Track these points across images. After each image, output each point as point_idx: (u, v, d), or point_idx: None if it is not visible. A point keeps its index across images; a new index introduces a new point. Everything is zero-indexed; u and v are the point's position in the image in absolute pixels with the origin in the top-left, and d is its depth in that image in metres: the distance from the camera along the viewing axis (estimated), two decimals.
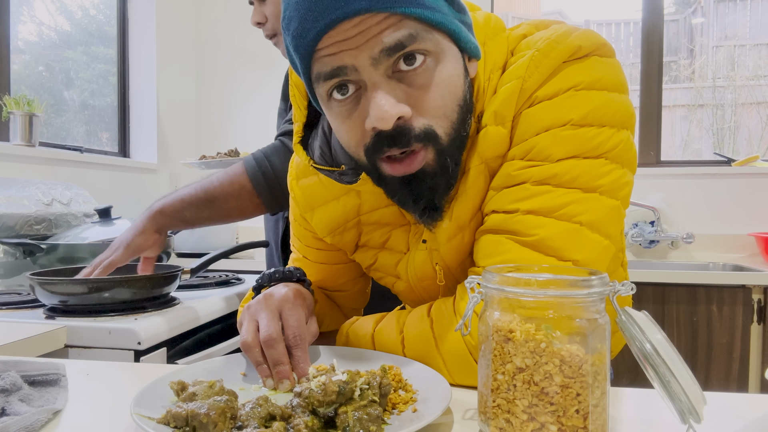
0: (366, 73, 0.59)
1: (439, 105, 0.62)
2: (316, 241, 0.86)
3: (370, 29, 0.57)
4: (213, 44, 2.89)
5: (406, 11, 0.58)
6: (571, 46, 0.64)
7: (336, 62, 0.59)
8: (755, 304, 1.87)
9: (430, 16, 0.59)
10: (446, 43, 0.62)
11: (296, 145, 0.76)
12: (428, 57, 0.60)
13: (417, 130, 0.61)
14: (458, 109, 0.63)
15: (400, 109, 0.59)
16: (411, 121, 0.61)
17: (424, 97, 0.61)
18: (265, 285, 0.79)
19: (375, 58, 0.58)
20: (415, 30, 0.58)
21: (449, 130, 0.63)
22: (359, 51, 0.58)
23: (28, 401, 0.60)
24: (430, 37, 0.60)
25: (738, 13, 4.69)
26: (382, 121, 0.59)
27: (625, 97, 0.67)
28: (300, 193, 0.82)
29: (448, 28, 0.61)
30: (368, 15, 0.57)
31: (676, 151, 3.87)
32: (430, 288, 0.79)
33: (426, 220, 0.69)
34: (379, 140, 0.61)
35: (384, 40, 0.58)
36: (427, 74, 0.60)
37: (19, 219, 1.48)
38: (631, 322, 0.48)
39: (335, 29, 0.58)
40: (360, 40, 0.58)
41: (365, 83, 0.60)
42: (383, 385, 0.54)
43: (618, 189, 0.65)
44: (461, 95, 0.64)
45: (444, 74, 0.61)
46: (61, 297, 1.08)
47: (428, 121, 0.61)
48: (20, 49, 2.12)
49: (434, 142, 0.62)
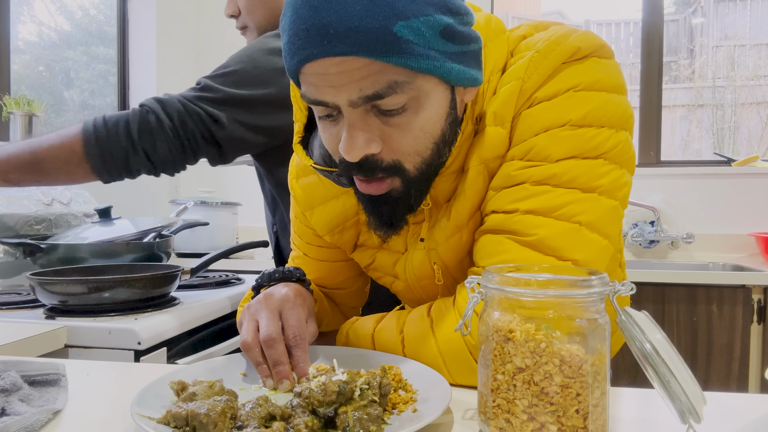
0: (344, 110, 0.59)
1: (412, 145, 0.62)
2: (316, 238, 0.86)
3: (350, 72, 0.56)
4: (213, 44, 2.89)
5: (389, 60, 0.55)
6: (571, 47, 0.65)
7: (318, 95, 0.59)
8: (755, 304, 1.86)
9: (415, 65, 0.56)
10: (432, 84, 0.60)
11: (296, 146, 0.76)
12: (408, 102, 0.59)
13: (384, 164, 0.62)
14: (433, 146, 0.63)
15: (368, 149, 0.60)
16: (380, 155, 0.61)
17: (398, 138, 0.61)
18: (265, 285, 0.79)
19: (353, 101, 0.58)
20: (396, 79, 0.57)
21: (419, 165, 0.63)
22: (338, 92, 0.58)
23: (28, 401, 0.60)
24: (413, 84, 0.58)
25: (738, 13, 4.69)
26: (350, 155, 0.60)
27: (624, 98, 0.67)
28: (300, 192, 0.83)
29: (437, 73, 0.58)
30: (351, 57, 0.55)
31: (676, 151, 3.87)
32: (428, 287, 0.79)
33: (383, 235, 0.71)
34: (347, 164, 0.62)
35: (361, 88, 0.57)
36: (404, 118, 0.60)
37: (19, 219, 1.48)
38: (631, 322, 0.48)
39: (317, 62, 0.57)
40: (340, 80, 0.57)
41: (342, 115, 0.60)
42: (383, 385, 0.54)
43: (617, 189, 0.65)
44: (439, 133, 0.63)
45: (422, 118, 0.61)
46: (61, 297, 1.08)
47: (398, 158, 0.62)
48: (20, 49, 2.12)
49: (401, 175, 0.63)
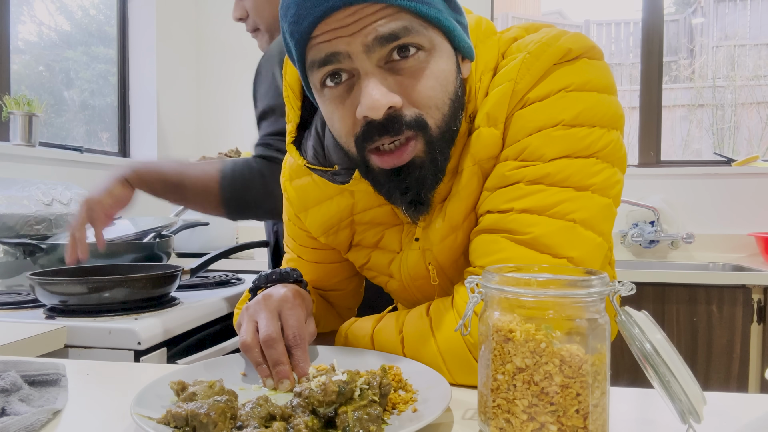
0: (359, 61, 0.60)
1: (430, 95, 0.62)
2: (310, 240, 0.86)
3: (365, 18, 0.58)
4: (213, 44, 2.89)
5: (402, 4, 0.58)
6: (562, 48, 0.65)
7: (330, 48, 0.60)
8: (755, 304, 1.86)
9: (426, 11, 0.60)
10: (440, 39, 0.63)
11: (289, 146, 0.76)
12: (421, 50, 0.61)
13: (408, 118, 0.61)
14: (449, 102, 0.64)
15: (391, 99, 0.60)
16: (402, 110, 0.61)
17: (416, 87, 0.61)
18: (262, 286, 0.79)
19: (368, 45, 0.59)
20: (410, 23, 0.59)
21: (440, 122, 0.63)
22: (353, 38, 0.59)
23: (28, 401, 0.60)
24: (425, 32, 0.61)
25: (738, 13, 4.69)
26: (373, 110, 0.59)
27: (614, 99, 0.68)
28: (294, 194, 0.82)
29: (444, 25, 0.62)
30: (365, 5, 0.58)
31: (676, 151, 3.87)
32: (423, 287, 0.79)
33: (412, 214, 0.69)
34: (369, 129, 0.62)
35: (378, 29, 0.58)
36: (419, 65, 0.61)
37: (19, 219, 1.48)
38: (631, 322, 0.48)
39: (331, 17, 0.58)
40: (355, 27, 0.58)
41: (358, 71, 0.61)
42: (383, 385, 0.54)
43: (609, 187, 0.66)
44: (452, 90, 0.64)
45: (436, 68, 0.62)
46: (61, 297, 1.08)
47: (419, 111, 0.62)
48: (20, 49, 2.12)
49: (424, 132, 0.63)
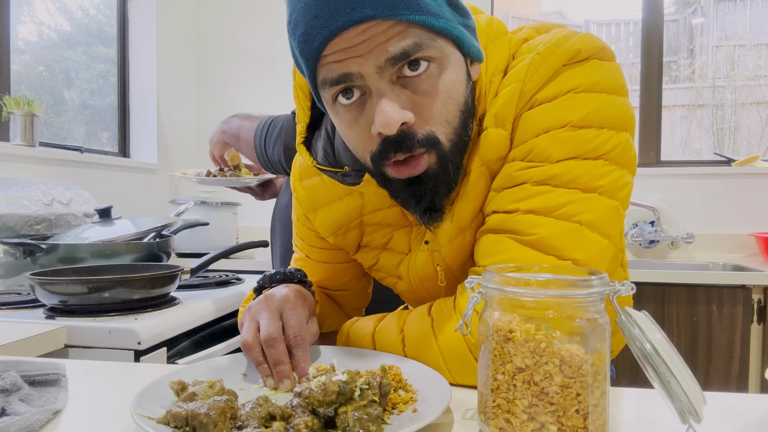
0: (371, 80, 0.60)
1: (442, 111, 0.63)
2: (319, 240, 0.86)
3: (375, 37, 0.58)
4: (213, 44, 2.89)
5: (411, 19, 0.58)
6: (571, 49, 0.65)
7: (342, 69, 0.60)
8: (755, 304, 1.86)
9: (435, 23, 0.60)
10: (450, 48, 0.62)
11: (299, 146, 0.76)
12: (432, 63, 0.61)
13: (420, 136, 0.62)
14: (460, 114, 0.64)
15: (404, 116, 0.60)
16: (414, 127, 0.62)
17: (428, 104, 0.62)
18: (266, 286, 0.79)
19: (380, 66, 0.59)
20: (419, 38, 0.59)
21: (451, 135, 0.64)
22: (365, 59, 0.59)
23: (28, 401, 0.60)
24: (435, 44, 0.60)
25: (738, 13, 4.69)
26: (387, 126, 0.60)
27: (625, 100, 0.67)
28: (303, 194, 0.82)
29: (452, 34, 0.62)
30: (374, 22, 0.57)
31: (676, 151, 3.87)
32: (431, 289, 0.79)
33: (427, 221, 0.70)
34: (385, 146, 0.62)
35: (389, 49, 0.58)
36: (430, 81, 0.61)
37: (19, 219, 1.48)
38: (631, 322, 0.48)
39: (341, 36, 0.58)
40: (366, 47, 0.58)
41: (370, 89, 0.61)
42: (383, 385, 0.54)
43: (617, 190, 0.66)
44: (463, 100, 0.64)
45: (447, 81, 0.62)
46: (61, 297, 1.08)
47: (431, 128, 0.63)
48: (20, 49, 2.12)
49: (436, 148, 0.63)
